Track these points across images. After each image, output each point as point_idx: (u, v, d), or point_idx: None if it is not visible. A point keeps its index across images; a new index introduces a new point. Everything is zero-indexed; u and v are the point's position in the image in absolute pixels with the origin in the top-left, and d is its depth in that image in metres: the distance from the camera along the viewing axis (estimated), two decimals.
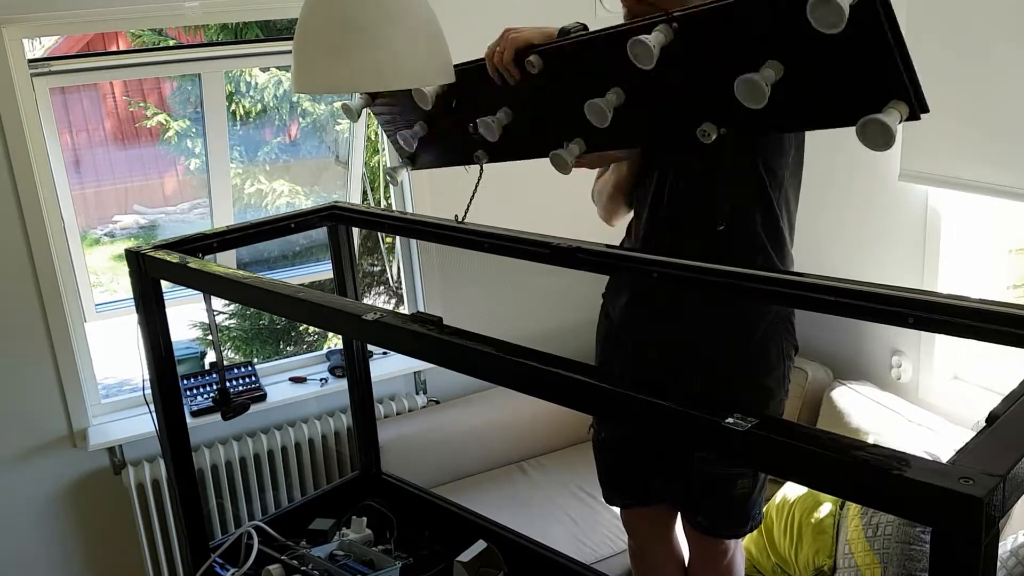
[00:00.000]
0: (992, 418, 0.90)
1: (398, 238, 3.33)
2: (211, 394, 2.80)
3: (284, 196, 4.95)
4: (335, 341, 4.75)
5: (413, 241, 3.09)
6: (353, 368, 2.32)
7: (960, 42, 2.28)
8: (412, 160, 1.89)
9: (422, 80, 1.77)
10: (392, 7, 1.72)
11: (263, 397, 2.85)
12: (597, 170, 1.89)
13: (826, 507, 2.33)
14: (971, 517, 0.74)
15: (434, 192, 2.98)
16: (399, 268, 3.28)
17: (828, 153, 2.75)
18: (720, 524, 1.90)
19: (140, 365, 1.89)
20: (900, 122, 1.04)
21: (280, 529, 2.03)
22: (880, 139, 1.03)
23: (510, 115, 1.55)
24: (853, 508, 2.25)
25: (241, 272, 1.67)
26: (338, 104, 4.53)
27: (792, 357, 1.80)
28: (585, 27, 1.43)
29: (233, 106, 4.92)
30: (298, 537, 2.04)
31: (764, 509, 1.95)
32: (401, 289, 3.35)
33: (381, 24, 1.70)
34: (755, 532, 2.46)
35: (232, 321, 5.44)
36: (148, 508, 2.69)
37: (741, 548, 2.03)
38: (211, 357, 4.56)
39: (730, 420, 0.89)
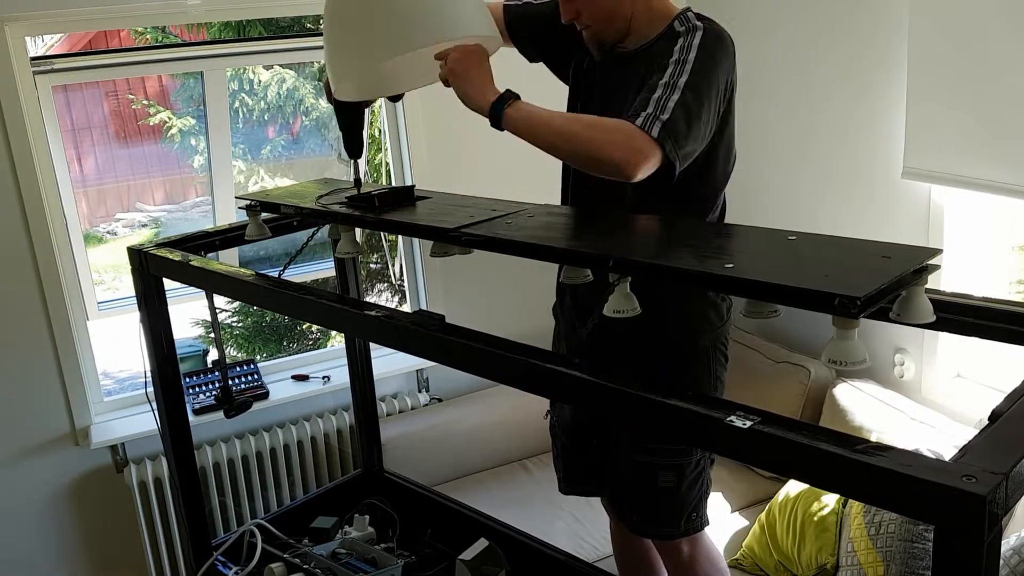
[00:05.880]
0: (995, 416, 0.90)
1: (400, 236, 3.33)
2: (213, 392, 2.80)
3: None
4: (338, 339, 4.74)
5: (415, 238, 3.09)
6: (355, 366, 2.32)
7: (963, 39, 2.27)
8: None
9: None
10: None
11: (265, 395, 2.85)
12: None
13: (829, 505, 2.33)
14: (974, 515, 0.74)
15: (434, 167, 2.97)
16: (402, 266, 3.27)
17: (831, 150, 2.75)
18: (648, 523, 1.77)
19: (143, 363, 1.89)
20: None
21: (282, 527, 2.03)
22: None
23: None
24: (856, 506, 2.25)
25: (243, 270, 1.67)
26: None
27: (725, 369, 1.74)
28: None
29: (236, 104, 4.92)
30: (300, 535, 2.04)
31: (707, 513, 1.79)
32: (404, 287, 3.35)
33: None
34: (758, 529, 2.47)
35: (234, 319, 5.43)
36: (150, 506, 2.69)
37: (704, 549, 1.86)
38: (213, 355, 4.56)
39: (732, 418, 0.89)
